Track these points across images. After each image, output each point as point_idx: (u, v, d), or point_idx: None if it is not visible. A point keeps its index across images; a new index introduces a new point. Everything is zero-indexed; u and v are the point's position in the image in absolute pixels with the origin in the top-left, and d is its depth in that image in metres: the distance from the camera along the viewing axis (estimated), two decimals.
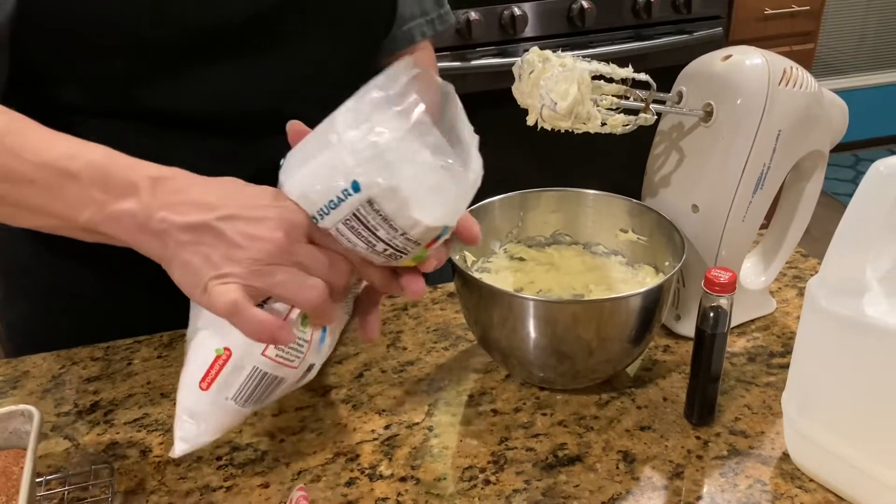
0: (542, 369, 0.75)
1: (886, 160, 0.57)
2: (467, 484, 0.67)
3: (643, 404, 0.76)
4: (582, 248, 0.87)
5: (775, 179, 0.78)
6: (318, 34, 0.79)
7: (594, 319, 0.71)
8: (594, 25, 2.12)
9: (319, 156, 0.56)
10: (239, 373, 0.60)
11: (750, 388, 0.78)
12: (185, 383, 0.61)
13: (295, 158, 0.58)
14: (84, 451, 0.72)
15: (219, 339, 0.60)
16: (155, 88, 0.73)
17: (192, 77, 0.73)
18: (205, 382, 0.60)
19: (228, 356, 0.59)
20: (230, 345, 0.59)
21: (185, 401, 0.61)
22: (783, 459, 0.69)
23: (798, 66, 0.76)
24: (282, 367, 0.60)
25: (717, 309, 0.68)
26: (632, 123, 0.71)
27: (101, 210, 0.57)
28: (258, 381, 0.60)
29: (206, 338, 0.60)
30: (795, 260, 0.99)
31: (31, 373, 0.82)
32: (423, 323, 0.89)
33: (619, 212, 0.84)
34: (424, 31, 0.92)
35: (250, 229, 0.56)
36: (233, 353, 0.59)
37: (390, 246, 0.57)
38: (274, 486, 0.67)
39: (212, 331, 0.60)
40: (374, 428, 0.74)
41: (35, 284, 0.88)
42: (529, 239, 0.88)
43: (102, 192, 0.57)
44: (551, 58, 0.69)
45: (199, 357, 0.60)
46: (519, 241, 0.87)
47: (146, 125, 0.74)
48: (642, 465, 0.69)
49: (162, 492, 0.67)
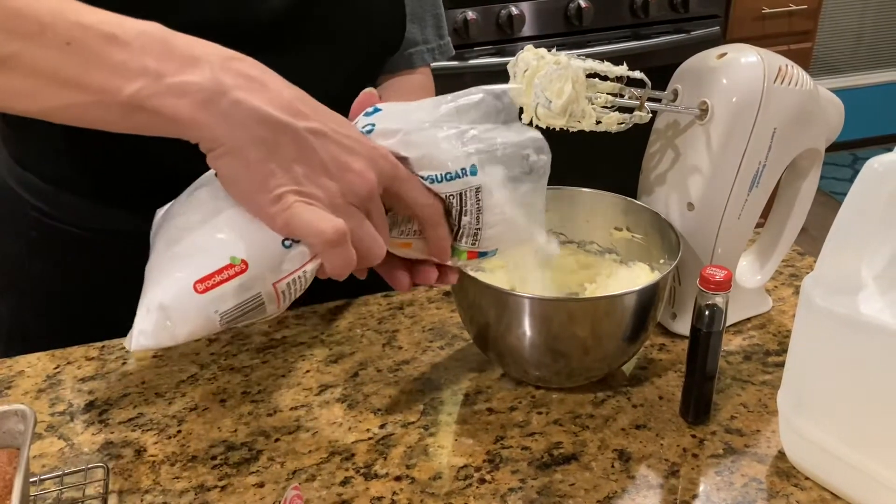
0: (537, 368, 0.75)
1: (881, 157, 0.57)
2: (462, 483, 0.67)
3: (639, 403, 0.76)
4: (576, 246, 0.87)
5: (771, 177, 0.78)
6: (329, 46, 0.79)
7: (589, 317, 0.71)
8: (592, 25, 2.12)
9: (444, 129, 0.59)
10: (243, 292, 0.54)
11: (746, 386, 0.78)
12: (169, 275, 0.53)
13: (409, 116, 0.59)
14: (79, 450, 0.71)
15: (237, 246, 0.53)
16: None
17: None
18: (202, 284, 0.52)
19: (243, 270, 0.53)
20: (250, 259, 0.53)
21: (162, 294, 0.53)
22: (779, 458, 0.69)
23: (793, 63, 0.76)
24: (275, 302, 0.56)
25: (712, 307, 0.68)
26: (627, 122, 0.71)
27: (157, 81, 0.49)
28: (251, 308, 0.55)
29: (221, 240, 0.53)
30: (792, 258, 0.98)
31: (25, 372, 0.81)
32: (418, 322, 0.88)
33: (613, 210, 0.84)
34: (425, 58, 0.93)
35: (343, 157, 0.51)
36: (249, 268, 0.53)
37: (461, 233, 0.61)
38: (269, 485, 0.67)
39: (233, 235, 0.53)
40: (370, 427, 0.73)
41: (27, 280, 0.88)
42: None
43: (158, 62, 0.49)
44: (546, 56, 0.69)
45: (199, 253, 0.53)
46: None
47: None
48: (638, 464, 0.69)
49: (156, 491, 0.67)
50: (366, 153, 0.52)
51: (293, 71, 0.78)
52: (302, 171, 0.51)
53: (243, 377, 0.80)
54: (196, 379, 0.80)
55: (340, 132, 0.52)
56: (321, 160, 0.51)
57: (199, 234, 0.54)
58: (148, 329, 0.53)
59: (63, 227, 0.84)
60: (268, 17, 0.73)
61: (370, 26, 0.83)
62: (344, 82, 0.83)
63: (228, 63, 0.50)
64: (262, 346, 0.85)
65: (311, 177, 0.51)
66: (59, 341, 0.86)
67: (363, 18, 0.81)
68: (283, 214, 0.51)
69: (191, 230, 0.55)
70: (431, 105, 0.61)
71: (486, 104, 0.62)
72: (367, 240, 0.54)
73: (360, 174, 0.52)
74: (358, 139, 0.53)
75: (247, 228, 0.52)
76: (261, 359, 0.83)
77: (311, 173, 0.51)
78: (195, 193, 0.57)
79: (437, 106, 0.61)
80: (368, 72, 0.88)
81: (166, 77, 0.49)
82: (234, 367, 0.81)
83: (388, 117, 0.58)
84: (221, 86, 0.49)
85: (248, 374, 0.81)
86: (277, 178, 0.50)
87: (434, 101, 0.61)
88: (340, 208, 0.52)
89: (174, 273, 0.53)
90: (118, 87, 0.48)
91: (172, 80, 0.49)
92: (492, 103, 0.62)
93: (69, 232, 0.84)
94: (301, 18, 0.75)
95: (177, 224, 0.56)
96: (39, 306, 0.89)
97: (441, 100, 0.61)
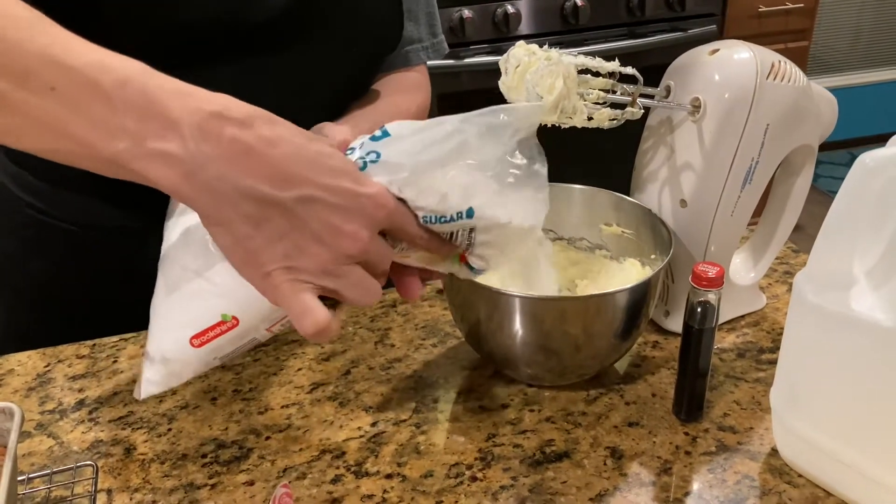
0: (529, 366, 0.75)
1: (872, 153, 0.56)
2: (454, 481, 0.67)
3: (631, 400, 0.76)
4: (566, 243, 0.86)
5: (764, 174, 0.78)
6: (324, 46, 0.79)
7: (581, 316, 0.71)
8: (588, 23, 2.11)
9: (450, 171, 0.55)
10: (238, 340, 0.57)
11: (739, 383, 0.77)
12: (171, 332, 0.57)
13: (417, 155, 0.54)
14: (68, 449, 0.71)
15: (229, 304, 0.56)
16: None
17: (198, 75, 0.73)
18: (198, 340, 0.56)
19: (234, 325, 0.56)
20: (240, 315, 0.56)
21: (165, 348, 0.57)
22: (772, 455, 0.69)
23: (786, 60, 0.76)
24: (270, 335, 0.59)
25: (704, 304, 0.68)
26: (619, 118, 0.71)
27: (138, 144, 0.47)
28: (249, 347, 0.59)
29: (211, 295, 0.56)
30: (786, 256, 0.98)
31: (15, 371, 0.81)
32: (411, 320, 0.88)
33: (603, 206, 0.84)
34: (420, 56, 0.93)
35: (334, 220, 0.49)
36: (240, 323, 0.56)
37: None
38: (259, 483, 0.67)
39: (220, 291, 0.56)
40: (361, 425, 0.73)
41: (23, 278, 0.87)
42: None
43: (138, 122, 0.47)
44: (537, 52, 0.68)
45: (195, 310, 0.56)
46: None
47: None
48: (630, 462, 0.68)
49: (146, 489, 0.67)
50: (358, 209, 0.50)
51: (293, 70, 0.78)
52: (291, 245, 0.49)
53: (234, 375, 0.80)
54: None
55: (332, 187, 0.49)
56: (311, 230, 0.49)
57: (194, 285, 0.56)
58: (155, 379, 0.59)
59: (58, 224, 0.84)
60: (268, 16, 0.73)
61: (369, 25, 0.83)
62: (344, 81, 0.83)
63: (208, 125, 0.47)
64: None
65: (301, 247, 0.49)
66: (55, 339, 0.85)
67: (362, 17, 0.81)
68: (271, 292, 0.51)
69: (188, 279, 0.57)
70: (444, 135, 0.56)
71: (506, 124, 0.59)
72: (359, 289, 0.52)
73: (352, 235, 0.50)
74: (351, 192, 0.50)
75: (236, 285, 0.52)
76: (252, 357, 0.82)
77: (302, 243, 0.49)
78: (193, 231, 0.58)
79: (450, 137, 0.56)
80: (368, 71, 0.88)
81: (146, 141, 0.47)
82: (225, 365, 0.81)
83: (394, 149, 0.54)
84: (201, 157, 0.47)
85: (239, 372, 0.80)
86: (265, 254, 0.49)
87: (447, 130, 0.56)
88: (332, 273, 0.51)
89: (173, 329, 0.57)
90: (100, 144, 0.48)
91: (153, 146, 0.47)
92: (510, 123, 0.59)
93: (64, 229, 0.84)
94: (301, 17, 0.75)
95: (175, 265, 0.58)
96: (35, 304, 0.89)
97: (457, 126, 0.57)
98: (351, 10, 0.80)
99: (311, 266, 0.50)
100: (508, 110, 0.59)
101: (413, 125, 0.57)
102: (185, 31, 0.70)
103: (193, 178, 0.47)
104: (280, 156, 0.48)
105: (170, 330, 0.57)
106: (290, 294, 0.50)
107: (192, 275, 0.57)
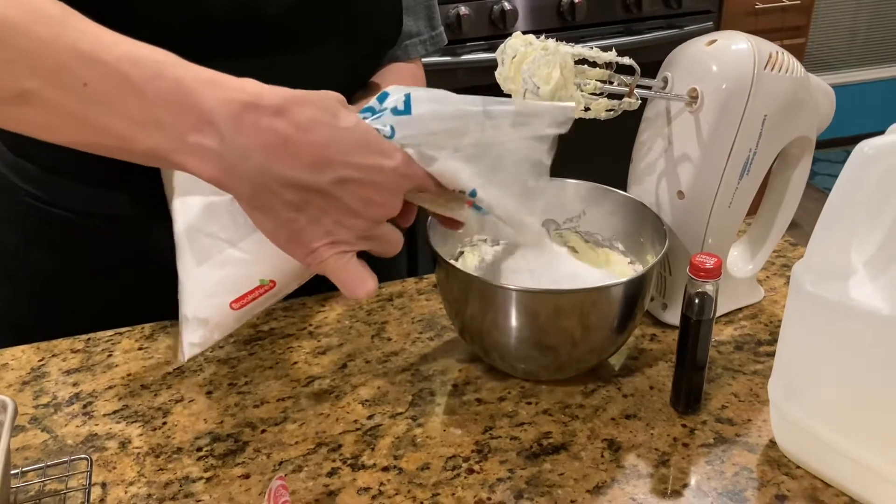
0: (525, 362, 0.74)
1: (871, 141, 0.56)
2: (451, 473, 0.66)
3: (629, 393, 0.75)
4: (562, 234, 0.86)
5: (762, 165, 0.78)
6: (333, 40, 0.80)
7: (577, 309, 0.70)
8: (585, 20, 2.11)
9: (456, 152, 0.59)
10: (273, 298, 0.62)
11: (737, 376, 0.77)
12: (209, 298, 0.61)
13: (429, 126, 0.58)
14: (62, 442, 0.70)
15: (266, 269, 0.60)
16: None
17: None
18: (238, 304, 0.60)
19: (271, 287, 0.60)
20: (276, 277, 0.60)
21: (204, 312, 0.61)
22: (770, 447, 0.68)
23: (784, 50, 0.75)
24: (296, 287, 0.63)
25: (702, 295, 0.67)
26: (616, 108, 0.70)
27: (175, 139, 0.49)
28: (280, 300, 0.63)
29: (247, 263, 0.60)
30: (783, 249, 0.98)
31: (10, 365, 0.80)
32: (408, 313, 0.88)
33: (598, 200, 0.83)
34: (418, 49, 0.94)
35: (367, 193, 0.53)
36: (277, 285, 0.60)
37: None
38: (254, 476, 0.66)
39: (254, 259, 0.59)
40: (357, 418, 0.73)
41: (23, 268, 0.87)
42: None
43: (173, 116, 0.48)
44: (534, 42, 0.68)
45: (233, 277, 0.60)
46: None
47: None
48: (628, 454, 0.68)
49: (141, 483, 0.66)
50: (387, 182, 0.54)
51: (299, 67, 0.78)
52: (331, 221, 0.53)
53: (230, 369, 0.79)
54: (182, 371, 0.79)
55: (364, 165, 0.53)
56: (347, 206, 0.53)
57: (227, 254, 0.60)
58: (196, 340, 0.62)
59: (58, 212, 0.83)
60: (276, 12, 0.74)
61: (370, 21, 0.83)
62: (347, 77, 0.83)
63: (242, 118, 0.49)
64: (249, 338, 0.84)
65: (340, 221, 0.53)
66: (54, 331, 0.85)
67: (364, 13, 0.82)
68: (317, 266, 0.55)
69: (220, 249, 0.60)
70: (452, 113, 0.59)
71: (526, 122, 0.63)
72: (390, 244, 0.58)
73: (384, 205, 0.54)
74: (379, 168, 0.54)
75: (270, 251, 0.56)
76: (248, 350, 0.82)
77: (341, 218, 0.53)
78: (216, 204, 0.60)
79: (468, 120, 0.59)
80: (369, 66, 0.89)
81: (184, 135, 0.49)
82: (220, 359, 0.81)
83: (410, 128, 0.57)
84: (240, 150, 0.49)
85: (234, 365, 0.80)
86: (308, 233, 0.53)
87: (460, 105, 0.59)
88: (368, 237, 0.55)
89: (211, 295, 0.61)
90: (136, 138, 0.49)
91: (191, 140, 0.49)
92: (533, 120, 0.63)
93: (64, 218, 0.83)
94: (307, 15, 0.76)
95: (201, 236, 0.60)
96: (35, 294, 0.89)
97: (478, 112, 0.60)
98: (354, 5, 0.81)
99: (350, 237, 0.54)
100: (535, 109, 0.62)
101: (434, 103, 0.59)
102: (207, 23, 0.70)
103: (233, 171, 0.49)
104: (315, 142, 0.51)
105: (208, 296, 0.61)
106: (338, 267, 0.55)
107: (224, 244, 0.59)
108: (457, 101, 0.59)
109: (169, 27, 0.70)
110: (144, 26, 0.69)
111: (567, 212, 0.85)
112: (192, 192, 0.61)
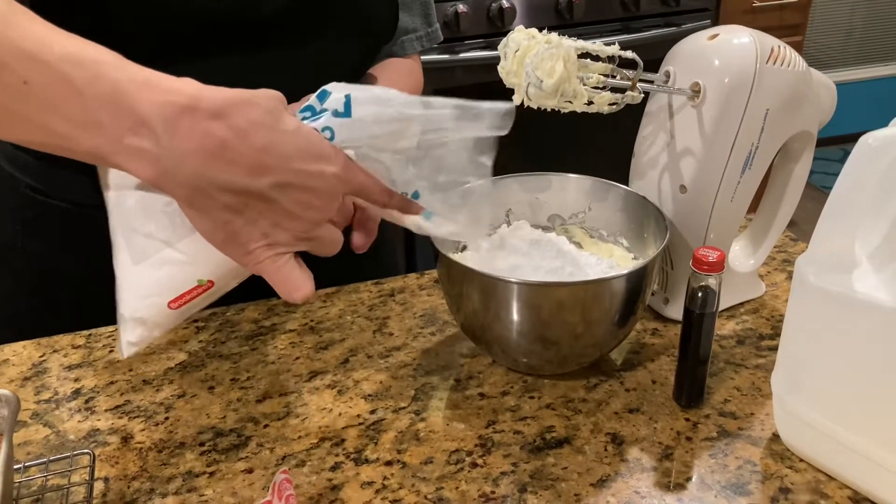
0: (527, 356, 0.74)
1: (876, 133, 0.56)
2: (454, 467, 0.66)
3: (632, 387, 0.75)
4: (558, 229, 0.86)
5: (763, 159, 0.78)
6: (330, 36, 0.80)
7: (579, 301, 0.70)
8: (582, 18, 2.11)
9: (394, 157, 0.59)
10: (211, 297, 0.61)
11: (739, 370, 0.77)
12: (146, 298, 0.59)
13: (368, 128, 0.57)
14: (64, 438, 0.70)
15: (203, 269, 0.59)
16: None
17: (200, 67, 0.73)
18: (176, 304, 0.59)
19: (209, 286, 0.60)
20: (214, 277, 0.59)
21: (141, 312, 0.60)
22: (773, 440, 0.68)
23: (786, 44, 0.75)
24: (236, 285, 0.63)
25: (705, 288, 0.67)
26: (619, 102, 0.70)
27: (113, 141, 0.48)
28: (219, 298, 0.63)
29: (185, 264, 0.59)
30: (785, 244, 0.98)
31: (10, 360, 0.80)
32: (409, 309, 0.88)
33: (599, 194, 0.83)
34: (414, 45, 0.95)
35: (306, 198, 0.53)
36: (215, 284, 0.60)
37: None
38: (258, 471, 0.66)
39: (192, 259, 0.58)
40: (360, 413, 0.73)
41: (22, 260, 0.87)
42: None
43: (111, 117, 0.48)
44: (537, 35, 0.68)
45: (170, 278, 0.59)
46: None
47: None
48: (631, 447, 0.68)
49: (143, 478, 0.66)
50: (326, 187, 0.53)
51: (295, 64, 0.78)
52: (268, 223, 0.53)
53: (232, 364, 0.79)
54: (184, 366, 0.79)
55: (303, 171, 0.52)
56: (285, 209, 0.52)
57: (164, 254, 0.58)
58: (134, 340, 0.61)
59: (57, 203, 0.83)
60: (272, 9, 0.74)
61: (366, 18, 0.84)
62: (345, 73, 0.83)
63: (179, 121, 0.48)
64: (251, 333, 0.84)
65: (277, 224, 0.53)
66: (52, 322, 0.85)
67: (359, 11, 0.82)
68: (254, 267, 0.55)
69: (156, 249, 0.58)
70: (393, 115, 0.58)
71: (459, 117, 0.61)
72: (328, 245, 0.57)
73: (322, 208, 0.54)
74: (319, 174, 0.53)
75: (208, 252, 0.56)
76: (250, 346, 0.82)
77: (278, 220, 0.53)
78: (152, 203, 0.58)
79: (409, 122, 0.59)
80: (365, 63, 0.89)
81: (122, 137, 0.48)
82: (222, 354, 0.80)
83: (347, 124, 0.56)
84: (176, 153, 0.48)
85: (236, 361, 0.80)
86: (245, 235, 0.53)
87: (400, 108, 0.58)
88: (306, 238, 0.55)
89: (148, 295, 0.60)
90: (77, 138, 0.49)
91: (128, 143, 0.48)
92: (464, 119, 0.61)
93: (62, 208, 0.83)
94: (303, 12, 0.76)
95: (138, 235, 0.59)
96: (33, 286, 0.88)
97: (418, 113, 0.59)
98: (349, 3, 0.81)
99: (288, 238, 0.54)
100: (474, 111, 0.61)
101: (375, 104, 0.58)
102: (205, 20, 0.70)
103: (170, 174, 0.49)
104: (254, 146, 0.50)
105: (145, 296, 0.60)
106: (274, 269, 0.55)
107: (161, 245, 0.58)
108: (398, 102, 0.58)
109: (168, 25, 0.70)
110: (143, 24, 0.70)
111: (572, 207, 0.85)
112: (128, 187, 0.60)
